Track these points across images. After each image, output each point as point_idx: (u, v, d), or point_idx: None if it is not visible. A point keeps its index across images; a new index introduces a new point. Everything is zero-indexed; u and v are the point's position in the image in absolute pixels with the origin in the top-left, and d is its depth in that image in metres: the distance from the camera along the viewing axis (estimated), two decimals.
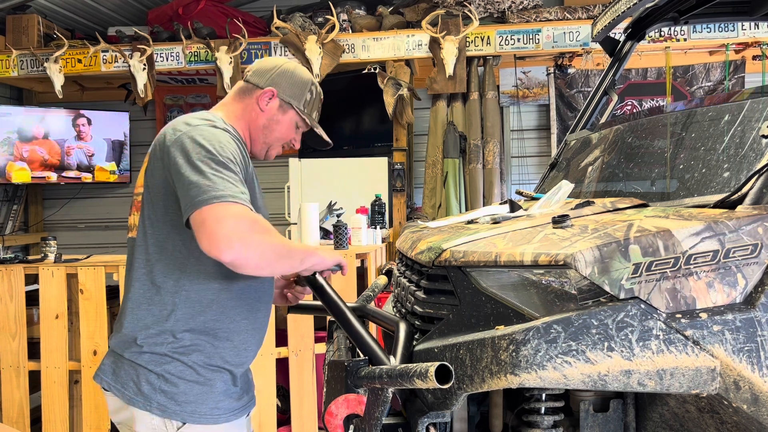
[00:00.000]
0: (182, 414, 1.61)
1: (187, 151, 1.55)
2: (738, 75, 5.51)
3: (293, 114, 1.83)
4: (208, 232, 1.45)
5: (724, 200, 1.65)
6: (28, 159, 6.11)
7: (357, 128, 6.20)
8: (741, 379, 1.43)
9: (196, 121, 1.65)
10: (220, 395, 1.65)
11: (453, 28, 5.16)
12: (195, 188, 1.49)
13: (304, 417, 3.52)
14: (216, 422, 1.64)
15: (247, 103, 1.81)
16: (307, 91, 1.84)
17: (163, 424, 1.61)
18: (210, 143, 1.57)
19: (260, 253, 1.50)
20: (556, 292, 1.51)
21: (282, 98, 1.80)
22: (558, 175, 2.82)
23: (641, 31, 2.90)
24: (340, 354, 1.93)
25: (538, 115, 6.19)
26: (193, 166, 1.53)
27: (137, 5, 6.32)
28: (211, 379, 1.65)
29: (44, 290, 3.58)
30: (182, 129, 1.62)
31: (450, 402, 1.55)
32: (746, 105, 1.97)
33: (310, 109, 1.86)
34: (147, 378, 1.61)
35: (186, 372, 1.62)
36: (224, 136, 1.62)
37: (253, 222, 1.50)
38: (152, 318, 1.63)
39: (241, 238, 1.46)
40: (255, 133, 1.81)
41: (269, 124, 1.81)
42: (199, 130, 1.60)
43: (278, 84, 1.80)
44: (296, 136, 1.88)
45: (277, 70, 1.82)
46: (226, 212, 1.46)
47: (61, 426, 3.59)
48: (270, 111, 1.80)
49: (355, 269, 3.64)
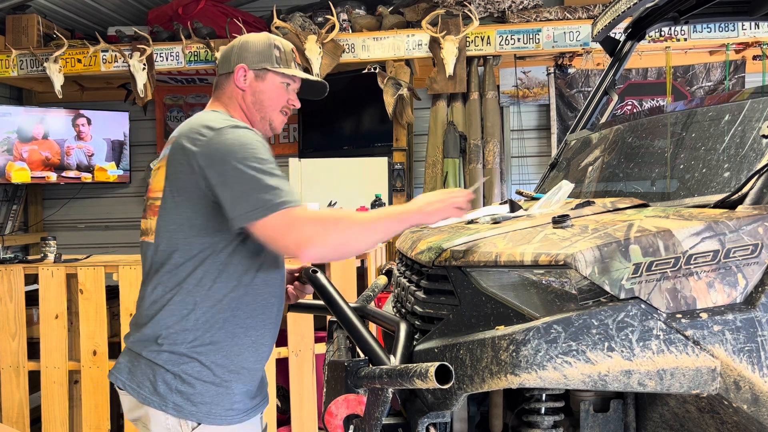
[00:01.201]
0: (198, 414, 1.61)
1: (226, 158, 1.57)
2: (738, 75, 5.51)
3: (272, 76, 1.81)
4: (287, 238, 1.54)
5: (725, 200, 1.65)
6: (27, 159, 6.11)
7: (357, 128, 6.20)
8: (741, 379, 1.42)
9: (217, 123, 1.64)
10: (236, 396, 1.66)
11: (453, 28, 5.16)
12: (242, 200, 1.54)
13: (304, 417, 3.52)
14: (231, 423, 1.65)
15: (229, 92, 1.81)
16: (273, 49, 1.82)
17: (178, 424, 1.61)
18: (246, 147, 1.58)
19: (340, 244, 1.59)
20: (557, 292, 1.51)
21: (254, 68, 1.80)
22: (558, 175, 2.82)
23: (641, 30, 2.90)
24: (340, 354, 1.93)
25: (538, 115, 6.19)
26: (240, 173, 1.55)
27: (137, 5, 6.32)
28: (228, 380, 1.65)
29: (44, 290, 3.58)
30: (207, 134, 1.61)
31: (450, 402, 1.55)
32: (746, 105, 1.96)
33: (285, 63, 1.83)
34: (163, 378, 1.61)
35: (203, 373, 1.62)
36: (252, 135, 1.64)
37: (319, 218, 1.56)
38: (173, 318, 1.63)
39: (319, 241, 1.54)
40: (249, 113, 1.82)
41: (257, 97, 1.81)
42: (229, 134, 1.61)
43: (244, 57, 1.80)
44: (291, 96, 1.86)
45: (236, 48, 1.83)
46: (292, 218, 1.53)
47: (61, 426, 3.59)
48: (250, 85, 1.80)
49: (355, 269, 3.63)
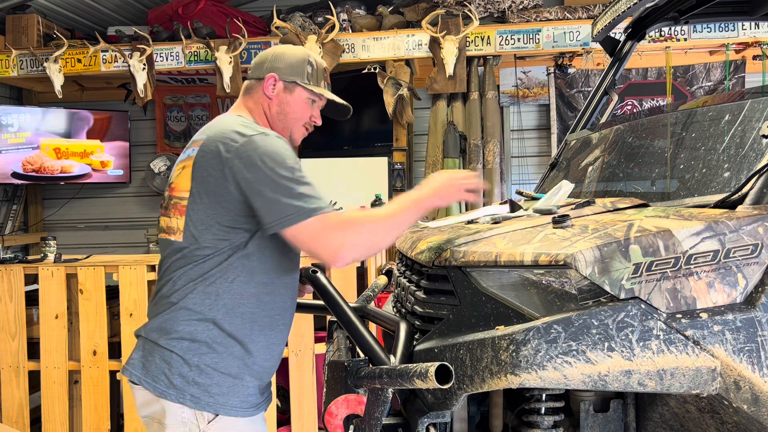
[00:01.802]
0: (215, 405, 1.64)
1: (259, 165, 1.62)
2: (738, 75, 5.51)
3: (301, 90, 1.86)
4: (318, 246, 1.61)
5: (725, 200, 1.65)
6: (27, 159, 6.11)
7: (357, 128, 6.20)
8: (741, 379, 1.42)
9: (248, 129, 1.69)
10: (249, 389, 1.70)
11: (453, 28, 5.16)
12: (275, 206, 1.60)
13: (304, 417, 3.52)
14: (245, 415, 1.68)
15: (256, 98, 1.86)
16: (307, 65, 1.86)
17: (194, 416, 1.63)
18: (276, 154, 1.64)
19: (370, 245, 1.66)
20: (557, 292, 1.51)
21: (284, 79, 1.84)
22: (558, 175, 2.82)
23: (641, 30, 2.90)
24: (340, 354, 1.93)
25: (538, 115, 6.19)
26: (263, 183, 1.61)
27: (137, 5, 6.32)
28: (243, 373, 1.68)
29: (44, 290, 3.58)
30: (239, 140, 1.66)
31: (450, 402, 1.55)
32: (746, 105, 1.96)
33: (315, 81, 1.88)
34: (180, 371, 1.63)
35: (221, 364, 1.65)
36: (281, 142, 1.69)
37: (348, 223, 1.62)
38: (195, 307, 1.67)
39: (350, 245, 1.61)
40: (273, 121, 1.86)
41: (282, 108, 1.85)
42: (261, 142, 1.66)
43: (276, 68, 1.84)
44: (314, 113, 1.91)
45: (271, 56, 1.87)
46: (324, 224, 1.60)
47: (61, 426, 3.59)
48: (278, 96, 1.84)
49: (355, 269, 3.63)
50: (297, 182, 1.62)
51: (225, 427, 1.64)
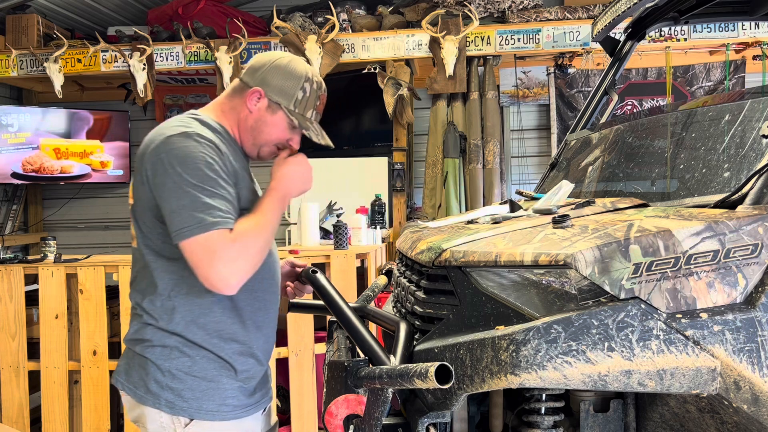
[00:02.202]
0: (189, 410, 1.61)
1: (159, 170, 1.56)
2: (738, 75, 5.51)
3: (283, 114, 1.73)
4: (201, 272, 1.53)
5: (725, 200, 1.65)
6: (27, 159, 6.11)
7: (357, 128, 6.20)
8: (741, 379, 1.42)
9: (170, 129, 1.61)
10: (228, 392, 1.65)
11: (453, 28, 5.16)
12: (176, 216, 1.52)
13: (304, 417, 3.52)
14: (224, 419, 1.64)
15: (237, 103, 1.74)
16: (299, 89, 1.72)
17: (171, 421, 1.62)
18: (189, 159, 1.54)
19: (253, 263, 1.58)
20: (557, 292, 1.51)
21: (270, 98, 1.71)
22: (558, 175, 2.82)
23: (641, 30, 2.90)
24: (340, 354, 1.93)
25: (538, 115, 6.19)
26: (167, 189, 1.54)
27: (137, 5, 6.32)
28: (218, 375, 1.65)
29: (44, 290, 3.58)
30: (156, 140, 1.60)
31: (450, 402, 1.55)
32: (746, 105, 1.96)
33: (302, 109, 1.74)
34: (155, 376, 1.62)
35: (194, 368, 1.63)
36: (201, 147, 1.57)
37: (231, 246, 1.52)
38: (158, 323, 1.65)
39: (232, 272, 1.52)
40: (243, 134, 1.75)
41: (257, 126, 1.73)
42: (176, 144, 1.57)
43: (267, 83, 1.71)
44: (292, 136, 1.78)
45: (268, 66, 1.73)
46: (207, 245, 1.50)
47: (61, 426, 3.59)
48: (258, 112, 1.72)
49: (355, 269, 3.63)
50: (203, 191, 1.52)
51: None
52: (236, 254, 1.52)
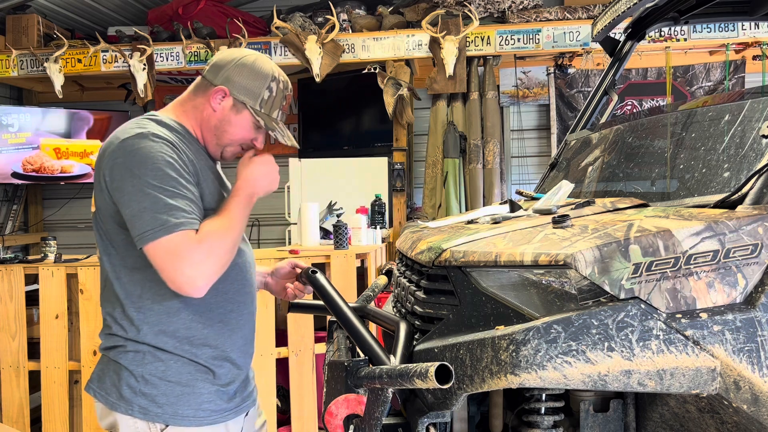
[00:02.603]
0: (164, 416, 1.58)
1: (116, 175, 1.52)
2: (738, 75, 5.51)
3: (248, 114, 1.68)
4: (167, 275, 1.49)
5: (725, 200, 1.65)
6: (27, 159, 6.11)
7: (357, 128, 6.20)
8: (741, 379, 1.43)
9: (126, 132, 1.57)
10: (204, 396, 1.62)
11: (453, 28, 5.16)
12: (138, 220, 1.49)
13: (304, 417, 3.52)
14: (200, 424, 1.61)
15: (200, 101, 1.69)
16: (265, 89, 1.68)
17: (147, 427, 1.58)
18: (147, 160, 1.51)
19: (221, 264, 1.54)
20: (556, 292, 1.51)
21: (235, 97, 1.66)
22: (558, 175, 2.82)
23: (641, 30, 2.90)
24: (340, 354, 1.93)
25: (538, 115, 6.19)
26: (126, 193, 1.50)
27: (137, 5, 6.32)
28: (193, 380, 1.61)
29: (44, 290, 3.58)
30: (113, 143, 1.56)
31: (450, 402, 1.55)
32: (746, 105, 1.96)
33: (268, 109, 1.70)
34: (128, 382, 1.59)
35: (167, 373, 1.59)
36: (159, 147, 1.53)
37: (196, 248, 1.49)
38: (126, 334, 1.61)
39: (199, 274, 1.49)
40: (206, 133, 1.70)
41: (221, 125, 1.68)
42: (133, 146, 1.53)
43: (232, 81, 1.66)
44: (258, 135, 1.73)
45: (232, 65, 1.68)
46: (172, 248, 1.47)
47: (61, 426, 3.59)
48: (222, 111, 1.67)
49: (355, 269, 3.63)
50: (164, 191, 1.48)
51: None
52: (202, 256, 1.48)
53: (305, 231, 4.05)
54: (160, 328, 1.60)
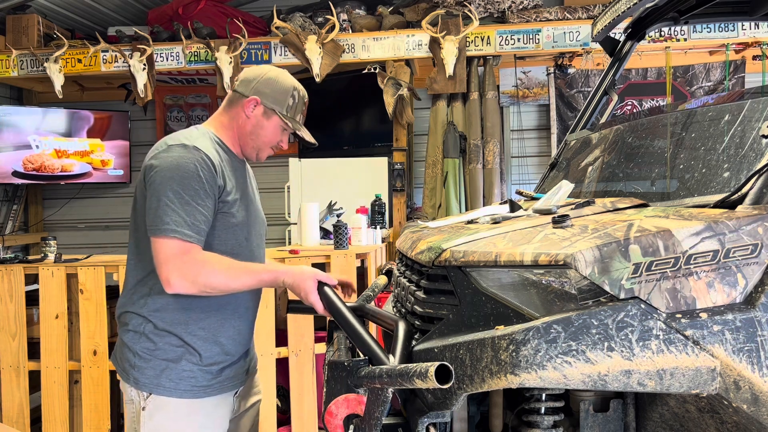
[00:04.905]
0: (149, 386, 1.86)
1: (159, 173, 1.80)
2: (738, 75, 5.51)
3: (277, 119, 2.00)
4: (157, 266, 1.78)
5: (724, 200, 1.65)
6: (28, 158, 6.11)
7: (357, 128, 6.20)
8: (741, 379, 1.43)
9: (173, 139, 1.88)
10: (185, 372, 1.86)
11: (453, 28, 5.16)
12: (153, 213, 1.78)
13: (304, 417, 3.52)
14: (181, 396, 1.85)
15: (235, 112, 2.00)
16: (290, 97, 2.01)
17: (138, 395, 1.88)
18: (179, 169, 1.79)
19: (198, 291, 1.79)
20: (556, 292, 1.51)
21: (266, 105, 1.98)
22: (558, 175, 2.82)
23: (641, 31, 2.90)
24: (340, 354, 1.94)
25: (538, 115, 6.19)
26: (155, 189, 1.78)
27: (137, 5, 6.32)
28: (178, 357, 1.86)
29: (44, 290, 3.58)
30: (160, 149, 1.86)
31: (450, 402, 1.55)
32: (746, 105, 1.97)
33: (293, 113, 2.03)
34: (127, 356, 1.90)
35: (157, 351, 1.86)
36: (194, 158, 1.81)
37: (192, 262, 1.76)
38: (133, 305, 1.90)
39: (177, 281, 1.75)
40: (243, 138, 2.01)
41: (255, 130, 2.00)
42: (173, 153, 1.82)
43: (262, 92, 1.98)
44: (283, 138, 2.06)
45: (261, 79, 1.99)
46: (169, 249, 1.75)
47: (61, 426, 3.59)
48: (255, 118, 1.99)
49: (355, 269, 3.63)
50: (182, 202, 1.76)
51: (158, 406, 1.85)
52: (193, 273, 1.75)
53: (305, 231, 4.05)
54: (162, 305, 1.87)
